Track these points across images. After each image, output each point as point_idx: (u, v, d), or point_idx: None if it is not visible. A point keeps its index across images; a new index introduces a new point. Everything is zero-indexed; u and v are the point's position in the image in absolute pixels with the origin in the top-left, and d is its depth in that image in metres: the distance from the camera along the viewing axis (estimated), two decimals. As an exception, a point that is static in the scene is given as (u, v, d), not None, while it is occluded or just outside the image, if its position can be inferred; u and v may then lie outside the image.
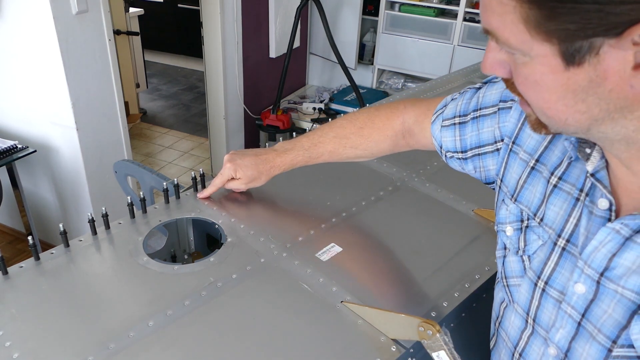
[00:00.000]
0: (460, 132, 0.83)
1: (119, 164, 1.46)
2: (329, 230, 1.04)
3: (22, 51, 2.19)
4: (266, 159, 1.07)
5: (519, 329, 0.69)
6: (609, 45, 0.44)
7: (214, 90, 3.36)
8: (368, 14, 3.86)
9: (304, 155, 1.06)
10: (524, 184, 0.69)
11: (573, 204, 0.61)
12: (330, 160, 1.07)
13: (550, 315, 0.62)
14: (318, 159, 1.07)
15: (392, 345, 0.79)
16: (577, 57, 0.46)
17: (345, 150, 1.04)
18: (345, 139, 1.03)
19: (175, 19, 5.52)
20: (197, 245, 1.13)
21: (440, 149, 0.89)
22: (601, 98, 0.47)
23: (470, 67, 2.14)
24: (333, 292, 0.88)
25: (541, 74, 0.49)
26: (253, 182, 1.09)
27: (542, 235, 0.64)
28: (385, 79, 4.04)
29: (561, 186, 0.62)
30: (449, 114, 0.86)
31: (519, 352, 0.69)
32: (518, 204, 0.69)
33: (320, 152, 1.05)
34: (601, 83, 0.46)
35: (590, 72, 0.46)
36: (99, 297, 0.88)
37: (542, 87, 0.50)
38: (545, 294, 0.63)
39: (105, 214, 1.00)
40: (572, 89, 0.48)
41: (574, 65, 0.47)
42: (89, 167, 2.39)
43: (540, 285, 0.64)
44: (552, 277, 0.62)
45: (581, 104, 0.49)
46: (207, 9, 3.11)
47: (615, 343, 0.54)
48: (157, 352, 0.76)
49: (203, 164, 3.88)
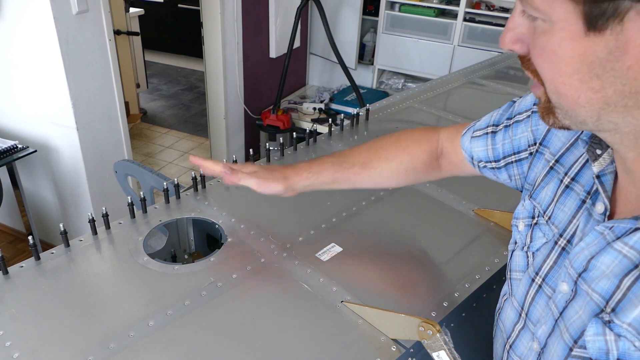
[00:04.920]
0: (492, 141, 0.82)
1: (119, 164, 1.46)
2: (329, 230, 1.04)
3: (22, 51, 2.19)
4: (290, 165, 0.97)
5: (512, 321, 0.70)
6: (636, 11, 0.42)
7: (214, 90, 3.36)
8: (368, 14, 3.86)
9: (333, 162, 0.94)
10: (540, 182, 0.69)
11: (579, 205, 0.61)
12: (362, 174, 0.95)
13: (541, 311, 0.63)
14: (349, 171, 0.94)
15: (392, 345, 0.79)
16: (600, 21, 0.43)
17: (379, 163, 0.94)
18: (380, 149, 0.95)
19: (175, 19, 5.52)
20: (197, 245, 1.13)
21: (471, 160, 0.86)
22: (617, 76, 0.45)
23: (470, 67, 2.15)
24: (333, 292, 0.88)
25: (560, 40, 0.47)
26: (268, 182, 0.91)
27: (547, 233, 0.65)
28: (385, 79, 4.04)
29: (573, 187, 0.62)
30: (481, 124, 0.85)
31: (509, 344, 0.70)
32: (532, 201, 0.69)
33: (352, 162, 0.94)
34: (620, 57, 0.44)
35: (611, 41, 0.44)
36: (99, 297, 0.88)
37: (559, 57, 0.47)
38: (540, 291, 0.64)
39: (105, 214, 1.00)
40: (589, 60, 0.46)
41: (595, 31, 0.44)
42: (89, 167, 2.39)
43: (538, 281, 0.64)
44: (549, 274, 0.62)
45: (596, 80, 0.46)
46: (207, 9, 3.11)
47: (576, 343, 0.55)
48: (157, 352, 0.76)
49: (203, 164, 3.88)
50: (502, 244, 1.04)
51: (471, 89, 1.93)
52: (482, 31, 3.47)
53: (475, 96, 1.88)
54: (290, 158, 1.32)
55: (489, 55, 3.03)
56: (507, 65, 2.21)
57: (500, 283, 0.99)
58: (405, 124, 1.60)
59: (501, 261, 1.00)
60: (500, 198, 1.20)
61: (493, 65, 2.19)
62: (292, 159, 1.32)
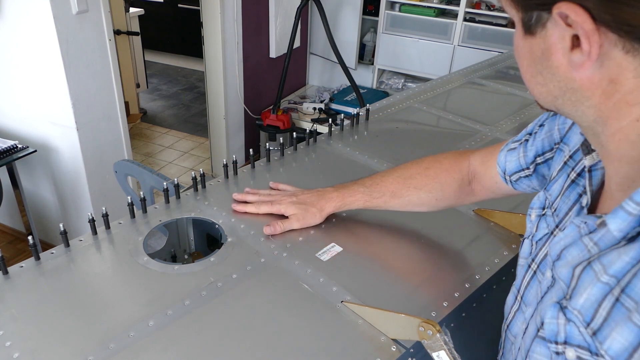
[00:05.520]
0: (524, 149, 0.82)
1: (119, 164, 1.46)
2: (329, 230, 1.04)
3: (22, 51, 2.19)
4: (323, 193, 1.03)
5: (510, 304, 0.73)
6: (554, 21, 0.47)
7: (214, 90, 3.36)
8: (368, 14, 3.86)
9: (364, 192, 0.99)
10: (555, 176, 0.71)
11: (576, 198, 0.63)
12: (391, 203, 0.99)
13: (533, 295, 0.66)
14: (378, 200, 0.99)
15: (392, 345, 0.79)
16: (532, 27, 0.50)
17: (408, 192, 0.97)
18: (410, 179, 0.98)
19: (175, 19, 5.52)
20: (197, 245, 1.13)
21: (504, 175, 0.87)
22: (553, 73, 0.50)
23: (471, 67, 2.14)
24: (333, 292, 0.88)
25: (517, 38, 0.54)
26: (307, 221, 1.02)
27: (550, 224, 0.67)
28: (385, 79, 4.04)
29: (577, 181, 0.65)
30: (519, 137, 0.86)
31: (507, 324, 0.73)
32: (545, 193, 0.72)
33: (382, 191, 0.99)
34: (549, 57, 0.50)
35: (541, 44, 0.50)
36: (99, 297, 0.88)
37: (518, 53, 0.55)
38: (534, 277, 0.67)
39: (105, 214, 1.00)
40: (532, 57, 0.52)
41: (530, 35, 0.51)
42: (89, 167, 2.39)
43: (533, 267, 0.67)
44: (543, 262, 0.65)
45: (540, 76, 0.52)
46: (207, 9, 3.11)
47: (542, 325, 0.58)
48: (157, 352, 0.76)
49: (203, 164, 3.88)
50: (502, 244, 1.04)
51: (471, 89, 1.93)
52: (482, 31, 3.47)
53: (475, 96, 1.88)
54: (290, 158, 1.32)
55: (489, 55, 3.02)
56: (507, 65, 2.21)
57: (501, 283, 0.99)
58: (405, 124, 1.60)
59: (501, 261, 1.00)
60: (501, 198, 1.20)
61: (493, 65, 2.19)
62: (292, 159, 1.32)
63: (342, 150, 1.38)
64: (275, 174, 1.25)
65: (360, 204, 1.01)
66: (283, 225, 1.01)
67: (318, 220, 1.03)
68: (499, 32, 3.44)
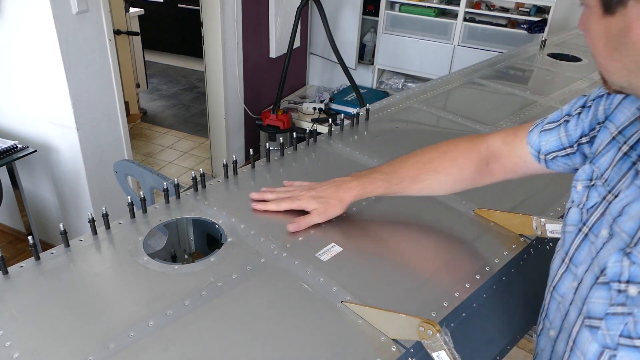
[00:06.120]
0: (565, 129, 0.86)
1: (119, 164, 1.46)
2: (329, 230, 1.04)
3: (22, 51, 2.19)
4: (341, 183, 1.04)
5: (557, 267, 0.79)
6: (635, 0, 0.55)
7: (214, 90, 3.36)
8: (368, 14, 3.86)
9: (384, 180, 1.01)
10: (602, 150, 0.76)
11: (629, 167, 0.69)
12: (410, 188, 1.01)
13: (584, 255, 0.72)
14: (398, 186, 1.01)
15: (392, 345, 0.79)
16: (613, 6, 0.57)
17: (427, 176, 0.99)
18: (428, 163, 1.00)
19: (175, 19, 5.52)
20: (197, 245, 1.13)
21: (538, 154, 0.91)
22: (629, 49, 0.58)
23: (470, 67, 2.14)
24: (333, 292, 0.88)
25: (592, 21, 0.61)
26: (329, 213, 1.03)
27: (601, 192, 0.73)
28: (385, 79, 4.04)
29: (630, 154, 0.70)
30: (554, 118, 0.90)
31: (553, 286, 0.79)
32: (591, 166, 0.77)
33: (401, 177, 1.00)
34: (628, 33, 0.57)
35: (620, 22, 0.57)
36: (99, 297, 0.88)
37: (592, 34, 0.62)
38: (586, 239, 0.72)
39: (105, 214, 1.00)
40: (609, 36, 0.59)
41: (609, 14, 0.58)
42: (89, 167, 2.39)
43: (585, 230, 0.73)
44: (595, 224, 0.71)
45: (615, 52, 0.60)
46: (207, 9, 3.11)
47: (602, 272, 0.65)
48: (157, 352, 0.76)
49: (203, 164, 3.88)
50: (502, 244, 1.04)
51: (471, 89, 1.93)
52: (482, 31, 3.47)
53: (475, 96, 1.88)
54: (290, 158, 1.32)
55: (489, 55, 3.02)
56: (507, 65, 2.21)
57: (501, 283, 0.99)
58: (405, 124, 1.60)
59: (501, 261, 1.00)
60: (501, 198, 1.20)
61: (493, 65, 2.19)
62: (292, 159, 1.32)
63: (342, 150, 1.38)
64: (275, 174, 1.25)
65: (380, 191, 1.02)
66: (306, 221, 1.02)
67: (339, 212, 1.03)
68: (499, 32, 3.44)
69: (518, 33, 3.40)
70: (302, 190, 1.07)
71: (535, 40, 2.88)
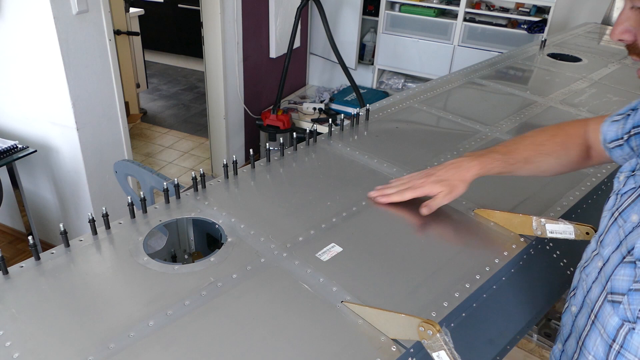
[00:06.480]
0: (625, 121, 0.89)
1: (119, 164, 1.46)
2: (329, 230, 1.04)
3: (22, 51, 2.19)
4: (459, 164, 1.07)
5: (591, 249, 0.82)
6: None
7: (214, 90, 3.36)
8: (368, 14, 3.86)
9: (501, 160, 1.04)
10: None
11: None
12: (523, 168, 1.05)
13: (611, 237, 0.75)
14: (513, 166, 1.05)
15: (392, 345, 0.79)
16: None
17: (539, 158, 1.04)
18: (541, 146, 1.04)
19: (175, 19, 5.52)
20: (197, 245, 1.13)
21: (604, 143, 0.94)
22: None
23: (470, 67, 2.15)
24: (333, 292, 0.88)
25: None
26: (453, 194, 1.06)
27: (638, 181, 0.76)
28: (385, 79, 4.04)
29: None
30: (623, 110, 0.92)
31: (583, 267, 0.83)
32: (638, 159, 0.79)
33: (517, 158, 1.04)
34: None
35: None
36: (99, 297, 0.88)
37: None
38: (615, 222, 0.76)
39: (105, 214, 1.00)
40: None
41: None
42: (89, 167, 2.39)
43: (615, 215, 0.76)
44: (626, 210, 0.74)
45: None
46: (207, 9, 3.11)
47: (629, 253, 0.69)
48: (157, 352, 0.76)
49: (203, 164, 3.88)
50: (502, 244, 1.04)
51: (471, 89, 1.93)
52: (482, 31, 3.47)
53: (475, 96, 1.88)
54: (290, 158, 1.32)
55: (489, 55, 3.02)
56: (507, 65, 2.21)
57: (501, 283, 0.99)
58: (405, 124, 1.60)
59: (501, 261, 1.00)
60: (501, 198, 1.20)
61: (493, 65, 2.19)
62: (292, 159, 1.32)
63: (342, 150, 1.38)
64: (275, 174, 1.25)
65: (497, 170, 1.05)
66: (436, 202, 1.06)
67: (463, 191, 1.06)
68: (499, 32, 3.44)
69: (518, 33, 3.40)
70: (421, 178, 1.11)
71: (535, 41, 2.88)
